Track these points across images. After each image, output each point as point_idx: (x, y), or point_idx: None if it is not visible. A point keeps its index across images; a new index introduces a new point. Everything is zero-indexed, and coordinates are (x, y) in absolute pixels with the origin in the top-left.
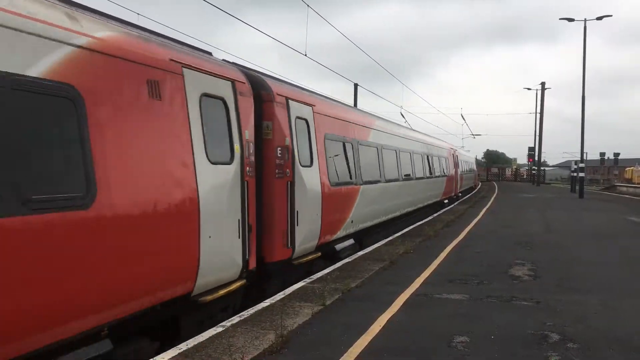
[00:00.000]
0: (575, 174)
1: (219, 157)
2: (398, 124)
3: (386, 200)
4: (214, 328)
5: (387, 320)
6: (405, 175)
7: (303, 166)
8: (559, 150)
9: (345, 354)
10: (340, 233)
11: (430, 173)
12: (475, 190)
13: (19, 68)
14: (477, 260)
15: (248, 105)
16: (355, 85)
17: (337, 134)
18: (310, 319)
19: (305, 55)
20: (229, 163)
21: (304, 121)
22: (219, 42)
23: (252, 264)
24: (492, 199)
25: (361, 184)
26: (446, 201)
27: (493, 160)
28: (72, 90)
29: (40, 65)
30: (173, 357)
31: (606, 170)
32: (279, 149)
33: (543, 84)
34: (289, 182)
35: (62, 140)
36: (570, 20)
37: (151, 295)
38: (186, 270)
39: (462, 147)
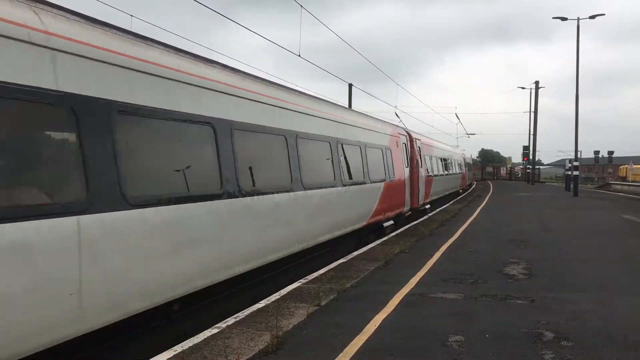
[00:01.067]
0: (569, 173)
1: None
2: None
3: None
4: (209, 329)
5: (382, 320)
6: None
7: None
8: (553, 148)
9: (340, 354)
10: (428, 199)
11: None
12: (470, 189)
13: None
14: (472, 259)
15: (409, 144)
16: (350, 86)
17: (428, 152)
18: (306, 320)
19: (299, 55)
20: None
21: (418, 147)
22: (213, 44)
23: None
24: (487, 198)
25: (439, 176)
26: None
27: (488, 159)
28: None
29: None
30: (168, 359)
31: (600, 168)
32: (415, 160)
33: (537, 82)
34: (417, 174)
35: None
36: (564, 19)
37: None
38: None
39: (457, 146)
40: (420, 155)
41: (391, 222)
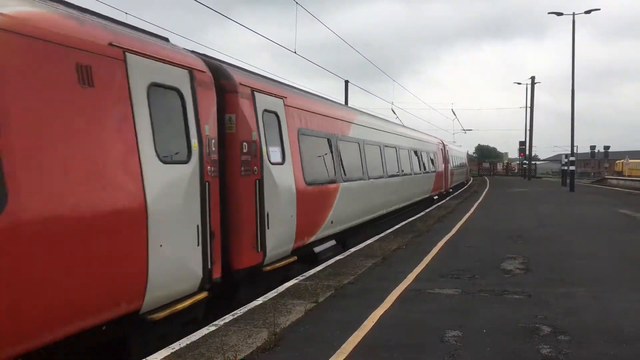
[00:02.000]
0: (566, 168)
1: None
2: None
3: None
4: (207, 327)
5: (380, 316)
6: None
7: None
8: (549, 144)
9: (338, 350)
10: (452, 185)
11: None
12: (467, 185)
13: None
14: (469, 255)
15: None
16: (346, 83)
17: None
18: (303, 316)
19: (295, 52)
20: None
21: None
22: (210, 42)
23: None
24: (484, 193)
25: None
26: None
27: (484, 155)
28: None
29: None
30: (165, 357)
31: (597, 163)
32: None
33: (533, 78)
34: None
35: None
36: (559, 14)
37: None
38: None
39: (454, 142)
40: (448, 156)
41: (437, 196)
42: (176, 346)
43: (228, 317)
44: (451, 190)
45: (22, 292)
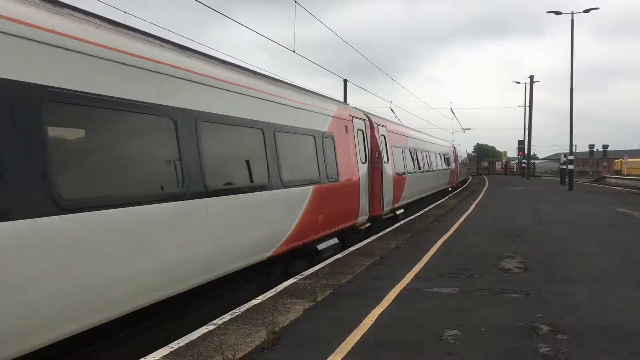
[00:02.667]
0: (564, 167)
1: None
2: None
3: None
4: (205, 326)
5: (379, 315)
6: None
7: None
8: (548, 142)
9: (337, 350)
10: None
11: None
12: (466, 184)
13: None
14: (468, 254)
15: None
16: (345, 81)
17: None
18: (302, 315)
19: (294, 51)
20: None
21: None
22: (209, 40)
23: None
24: (483, 192)
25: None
26: None
27: (483, 154)
28: None
29: None
30: (164, 356)
31: (595, 162)
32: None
33: (532, 77)
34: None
35: None
36: (558, 13)
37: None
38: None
39: (453, 141)
40: (457, 156)
41: (450, 188)
42: (175, 345)
43: (227, 316)
44: (458, 184)
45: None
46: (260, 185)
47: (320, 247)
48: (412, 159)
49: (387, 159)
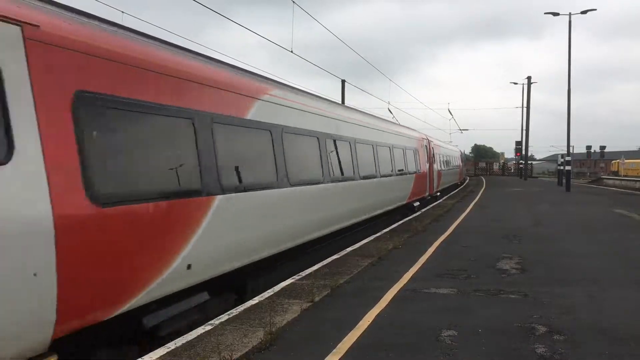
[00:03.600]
0: (562, 168)
1: (424, 164)
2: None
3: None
4: (202, 327)
5: (376, 316)
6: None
7: (430, 164)
8: (546, 143)
9: (334, 350)
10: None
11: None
12: (462, 185)
13: None
14: (465, 255)
15: (428, 148)
16: (343, 82)
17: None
18: (299, 316)
19: (292, 52)
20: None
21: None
22: (208, 41)
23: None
24: (480, 193)
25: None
26: None
27: (481, 154)
28: None
29: None
30: (161, 357)
31: (592, 163)
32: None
33: (529, 78)
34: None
35: None
36: (555, 14)
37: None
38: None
39: (451, 141)
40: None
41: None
42: (172, 345)
43: (224, 317)
44: (438, 194)
45: None
46: (398, 172)
47: (415, 204)
48: (442, 162)
49: (435, 162)
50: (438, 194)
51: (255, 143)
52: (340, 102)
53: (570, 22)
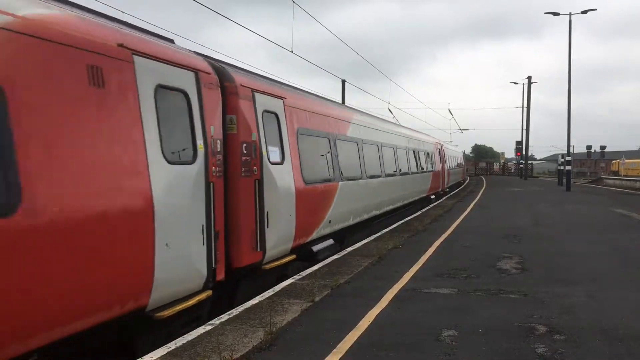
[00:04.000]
0: (562, 167)
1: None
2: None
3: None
4: (203, 327)
5: (376, 316)
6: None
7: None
8: (546, 143)
9: (334, 350)
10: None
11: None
12: (464, 184)
13: None
14: (466, 255)
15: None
16: (343, 82)
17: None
18: (300, 316)
19: (292, 52)
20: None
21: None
22: (207, 41)
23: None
24: (480, 193)
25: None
26: None
27: (481, 154)
28: None
29: None
30: (161, 357)
31: (593, 163)
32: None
33: (529, 78)
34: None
35: None
36: (556, 14)
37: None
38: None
39: (451, 142)
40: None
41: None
42: (172, 345)
43: (224, 317)
44: (448, 189)
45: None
46: (421, 171)
47: (432, 197)
48: (450, 162)
49: (446, 162)
50: (447, 189)
51: (351, 150)
52: (341, 102)
53: (570, 22)
